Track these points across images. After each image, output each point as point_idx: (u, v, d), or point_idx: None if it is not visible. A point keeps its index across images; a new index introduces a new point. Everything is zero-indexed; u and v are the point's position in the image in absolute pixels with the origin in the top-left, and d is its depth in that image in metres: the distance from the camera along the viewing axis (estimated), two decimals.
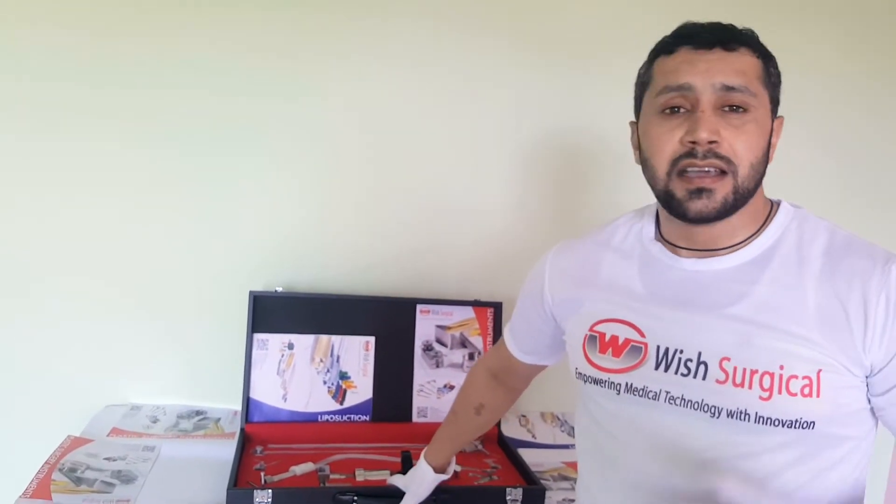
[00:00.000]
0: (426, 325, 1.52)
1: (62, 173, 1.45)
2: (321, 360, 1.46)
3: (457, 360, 1.53)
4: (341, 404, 1.46)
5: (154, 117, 1.45)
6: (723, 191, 0.72)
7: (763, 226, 0.79)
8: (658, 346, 0.78)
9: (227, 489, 1.12)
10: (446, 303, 1.53)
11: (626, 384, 0.80)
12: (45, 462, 1.22)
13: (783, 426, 0.71)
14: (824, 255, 0.74)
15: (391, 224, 1.58)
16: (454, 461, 1.16)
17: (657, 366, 0.78)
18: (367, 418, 1.47)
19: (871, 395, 0.73)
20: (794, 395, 0.71)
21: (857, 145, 1.75)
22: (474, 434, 1.18)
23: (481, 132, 1.59)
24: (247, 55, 1.46)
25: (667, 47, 0.77)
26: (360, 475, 1.27)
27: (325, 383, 1.46)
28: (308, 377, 1.45)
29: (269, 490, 1.12)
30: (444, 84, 1.55)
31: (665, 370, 0.77)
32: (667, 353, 0.78)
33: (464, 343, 1.54)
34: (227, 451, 1.31)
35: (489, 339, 1.54)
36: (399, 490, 1.13)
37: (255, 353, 1.42)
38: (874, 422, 0.77)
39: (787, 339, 0.72)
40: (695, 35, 0.74)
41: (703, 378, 0.75)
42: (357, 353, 1.48)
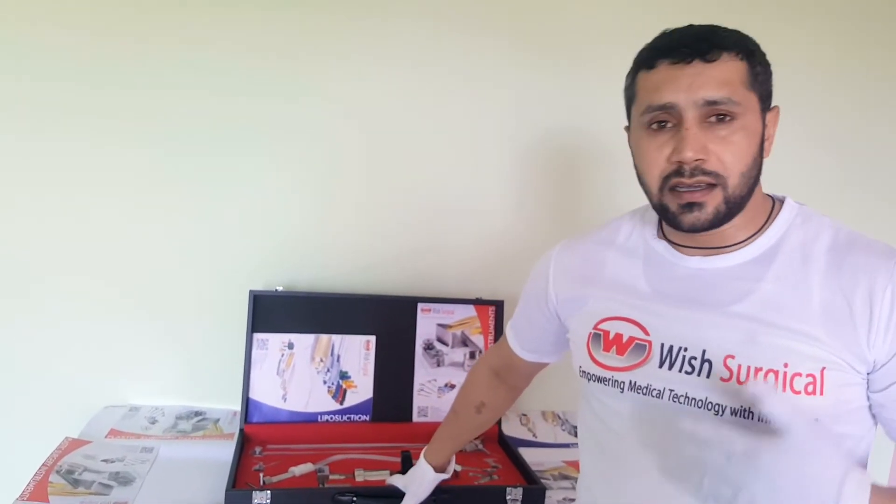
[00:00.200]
0: (427, 324, 1.51)
1: (62, 173, 1.44)
2: (321, 360, 1.46)
3: (458, 358, 1.53)
4: (341, 404, 1.45)
5: (154, 117, 1.45)
6: (713, 202, 0.73)
7: (766, 223, 0.79)
8: (662, 344, 0.78)
9: (226, 490, 1.12)
10: (447, 301, 1.52)
11: (630, 382, 0.80)
12: (43, 464, 1.21)
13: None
14: (829, 252, 0.74)
15: (391, 223, 1.58)
16: (454, 460, 1.16)
17: (661, 364, 0.78)
18: (368, 418, 1.46)
19: (870, 391, 0.73)
20: (797, 392, 0.70)
21: (856, 141, 1.75)
22: (475, 433, 1.18)
23: (481, 132, 1.59)
24: (247, 55, 1.46)
25: (647, 61, 0.75)
26: (360, 475, 1.26)
27: (325, 383, 1.45)
28: (308, 377, 1.44)
29: (268, 491, 1.12)
30: (444, 84, 1.55)
31: (669, 368, 0.77)
32: (671, 350, 0.77)
33: (465, 342, 1.53)
34: (226, 451, 1.30)
35: (490, 337, 1.54)
36: (399, 490, 1.13)
37: (255, 352, 1.42)
38: (874, 420, 0.77)
39: (791, 337, 0.71)
40: (673, 48, 0.73)
41: (708, 376, 0.74)
42: (357, 353, 1.47)
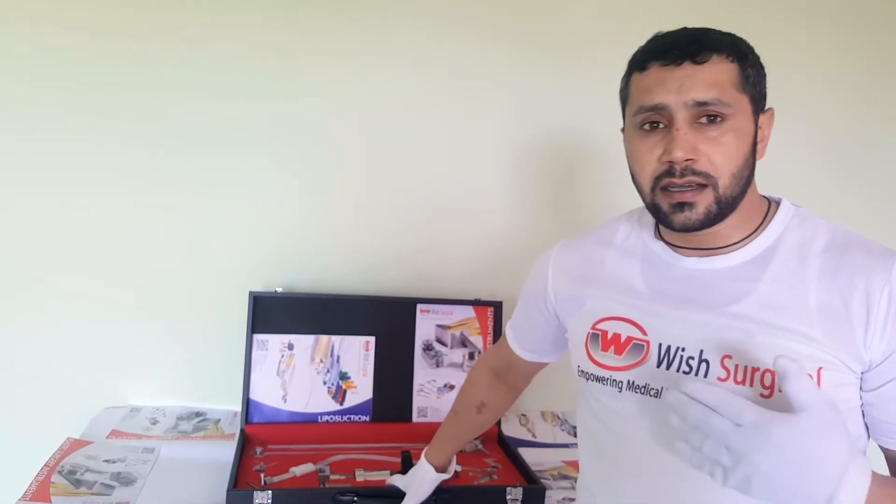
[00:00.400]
0: (426, 325, 1.52)
1: (62, 173, 1.45)
2: (321, 361, 1.46)
3: (457, 359, 1.53)
4: (341, 405, 1.46)
5: (154, 117, 1.45)
6: (704, 203, 0.73)
7: (763, 224, 0.79)
8: (660, 344, 0.79)
9: (227, 490, 1.12)
10: (446, 302, 1.53)
11: (628, 381, 0.80)
12: (45, 465, 1.21)
13: None
14: (825, 252, 0.74)
15: (391, 224, 1.58)
16: (455, 460, 1.17)
17: (659, 363, 0.78)
18: (367, 418, 1.46)
19: (862, 390, 0.73)
20: None
21: (854, 142, 1.75)
22: (475, 433, 1.18)
23: (481, 132, 1.59)
24: (247, 55, 1.46)
25: (639, 64, 0.76)
26: (360, 475, 1.26)
27: (325, 384, 1.46)
28: (308, 377, 1.45)
29: (269, 491, 1.12)
30: (443, 84, 1.55)
31: (667, 368, 0.77)
32: (668, 350, 0.78)
33: (464, 342, 1.54)
34: (226, 452, 1.31)
35: (489, 338, 1.54)
36: (399, 490, 1.13)
37: (255, 353, 1.42)
38: None
39: (788, 337, 0.71)
40: (664, 51, 0.74)
41: (705, 375, 0.75)
42: (357, 354, 1.48)
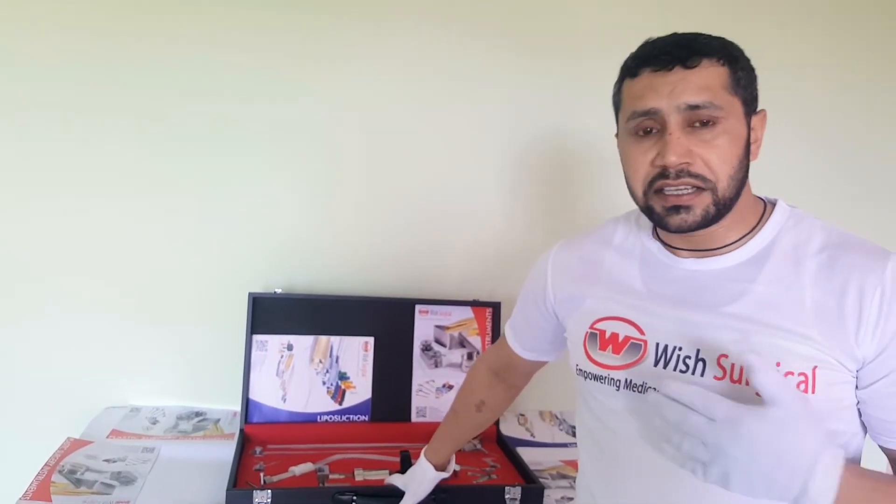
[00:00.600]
0: (425, 326, 1.52)
1: (62, 173, 1.45)
2: (320, 361, 1.46)
3: (455, 359, 1.53)
4: (340, 405, 1.46)
5: (154, 117, 1.45)
6: (702, 205, 0.74)
7: (759, 225, 0.80)
8: (657, 344, 0.79)
9: (227, 490, 1.13)
10: (445, 303, 1.53)
11: (625, 380, 0.81)
12: (45, 464, 1.22)
13: None
14: (821, 253, 0.75)
15: (390, 225, 1.58)
16: (454, 460, 1.17)
17: (656, 362, 0.79)
18: (367, 418, 1.47)
19: (857, 388, 0.74)
20: None
21: (851, 143, 1.76)
22: (474, 432, 1.19)
23: (480, 133, 1.59)
24: (247, 56, 1.47)
25: (631, 69, 0.77)
26: (360, 475, 1.27)
27: (324, 384, 1.46)
28: (307, 378, 1.45)
29: (269, 490, 1.12)
30: (442, 85, 1.56)
31: (664, 367, 0.78)
32: (665, 350, 0.78)
33: (462, 343, 1.54)
34: (226, 451, 1.31)
35: (488, 338, 1.54)
36: (398, 490, 1.14)
37: (255, 354, 1.42)
38: None
39: (784, 337, 0.72)
40: (654, 56, 0.74)
41: (702, 375, 0.75)
42: (356, 354, 1.48)
